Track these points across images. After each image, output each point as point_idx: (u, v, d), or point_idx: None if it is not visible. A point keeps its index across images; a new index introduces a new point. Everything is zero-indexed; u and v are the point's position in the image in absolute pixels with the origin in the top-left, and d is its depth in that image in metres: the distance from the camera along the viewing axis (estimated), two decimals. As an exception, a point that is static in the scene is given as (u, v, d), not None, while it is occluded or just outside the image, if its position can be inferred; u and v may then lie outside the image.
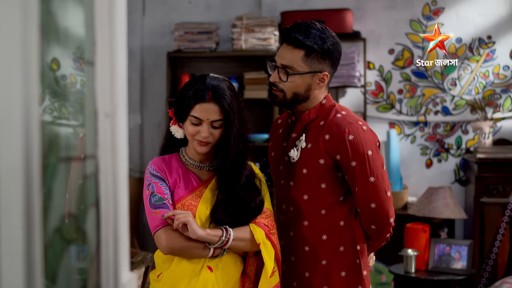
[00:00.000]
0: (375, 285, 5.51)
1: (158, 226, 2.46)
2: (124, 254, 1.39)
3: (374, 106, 6.07)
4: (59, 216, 1.18)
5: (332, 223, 2.63)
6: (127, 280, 1.39)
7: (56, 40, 1.25)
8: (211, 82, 2.51)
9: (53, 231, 1.15)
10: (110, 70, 1.36)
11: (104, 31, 1.34)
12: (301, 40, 2.57)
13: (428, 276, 4.68)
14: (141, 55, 6.24)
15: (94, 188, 1.33)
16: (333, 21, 5.75)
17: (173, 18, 6.18)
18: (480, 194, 5.36)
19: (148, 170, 2.58)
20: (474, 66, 5.94)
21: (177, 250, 2.47)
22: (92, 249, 1.33)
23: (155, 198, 2.50)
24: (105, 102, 1.35)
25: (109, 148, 1.35)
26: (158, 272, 2.61)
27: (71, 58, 1.41)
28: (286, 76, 2.60)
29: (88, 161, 1.33)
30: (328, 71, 2.63)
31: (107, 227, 1.35)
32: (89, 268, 1.33)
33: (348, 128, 2.56)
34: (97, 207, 1.34)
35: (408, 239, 4.90)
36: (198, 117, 2.49)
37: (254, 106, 5.80)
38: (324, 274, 2.65)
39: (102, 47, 1.34)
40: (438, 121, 6.01)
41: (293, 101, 2.65)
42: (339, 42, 2.66)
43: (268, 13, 6.10)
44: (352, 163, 2.55)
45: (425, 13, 6.00)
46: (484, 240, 5.24)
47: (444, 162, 6.03)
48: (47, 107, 1.34)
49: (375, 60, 6.06)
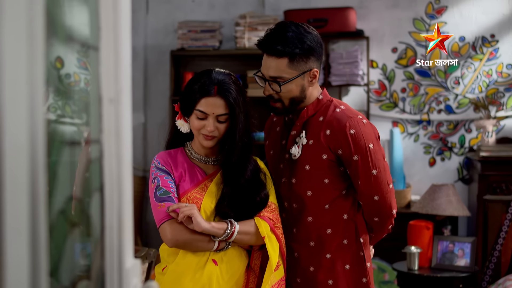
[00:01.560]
0: (378, 284, 5.51)
1: (163, 219, 2.48)
2: (128, 240, 1.40)
3: (377, 104, 6.07)
4: (64, 199, 1.19)
5: (336, 217, 2.64)
6: (131, 265, 1.40)
7: (60, 38, 1.26)
8: (216, 77, 2.52)
9: (58, 213, 1.16)
10: (114, 55, 1.36)
11: (108, 17, 1.35)
12: (281, 50, 2.55)
13: (431, 273, 4.68)
14: (145, 53, 6.25)
15: (98, 173, 1.34)
16: (336, 19, 5.76)
17: (176, 16, 6.19)
18: (483, 192, 5.36)
19: (154, 164, 2.59)
20: (478, 65, 5.94)
21: (182, 243, 2.48)
22: (97, 233, 1.34)
23: (160, 191, 2.51)
24: (109, 87, 1.35)
25: (113, 133, 1.36)
26: (163, 265, 2.62)
27: (75, 56, 1.41)
28: (279, 86, 2.59)
29: (92, 146, 1.33)
30: (316, 66, 2.63)
31: (111, 212, 1.36)
32: (93, 252, 1.33)
33: (348, 123, 2.57)
34: (101, 192, 1.34)
35: (411, 237, 4.90)
36: (203, 111, 2.50)
37: (258, 104, 5.78)
38: (328, 268, 2.65)
39: (107, 32, 1.35)
40: (442, 119, 6.01)
41: (292, 105, 2.65)
42: (318, 34, 2.64)
43: (271, 12, 6.11)
44: (355, 157, 2.56)
45: (428, 11, 6.00)
46: (487, 237, 5.24)
47: (448, 161, 6.02)
48: (51, 106, 1.34)
49: (378, 58, 6.06)
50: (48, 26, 1.10)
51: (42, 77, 1.04)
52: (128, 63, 1.42)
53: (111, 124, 1.35)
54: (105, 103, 1.34)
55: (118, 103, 1.37)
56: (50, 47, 1.22)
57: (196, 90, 2.51)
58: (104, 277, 1.34)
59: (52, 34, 1.17)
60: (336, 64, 5.85)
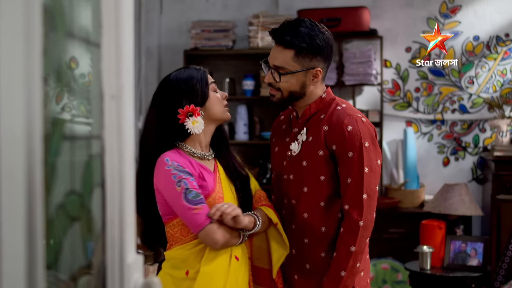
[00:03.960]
0: (392, 284, 5.50)
1: (205, 223, 2.46)
2: (130, 235, 1.41)
3: (391, 104, 6.05)
4: (63, 193, 1.20)
5: (331, 215, 2.64)
6: (132, 261, 1.41)
7: (74, 38, 1.27)
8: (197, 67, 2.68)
9: (57, 207, 1.17)
10: (116, 52, 1.37)
11: (110, 14, 1.36)
12: (289, 41, 2.61)
13: (444, 273, 4.67)
14: (159, 53, 6.28)
15: (100, 169, 1.35)
16: (350, 19, 5.75)
17: (190, 16, 6.21)
18: (497, 191, 5.33)
19: (172, 166, 2.49)
20: (492, 64, 5.91)
21: (228, 242, 2.51)
22: (98, 228, 1.35)
23: (191, 194, 2.46)
24: (111, 84, 1.36)
25: (115, 130, 1.37)
26: (182, 270, 2.56)
27: (89, 56, 1.42)
28: (279, 76, 2.64)
29: (94, 142, 1.34)
30: (321, 66, 2.65)
31: (113, 207, 1.37)
32: (95, 247, 1.35)
33: (347, 120, 2.59)
34: (103, 187, 1.35)
35: (423, 236, 4.89)
36: (214, 81, 2.68)
37: (270, 104, 5.80)
38: (324, 266, 2.65)
39: (108, 29, 1.36)
40: (455, 119, 5.99)
41: (290, 99, 2.69)
42: (330, 37, 2.67)
43: (284, 11, 6.11)
44: (349, 154, 2.56)
45: (442, 11, 5.98)
46: (500, 237, 5.21)
47: (462, 161, 6.00)
48: (66, 105, 1.36)
49: (392, 58, 6.05)
50: (46, 21, 1.11)
51: (39, 73, 1.05)
52: (130, 60, 1.43)
53: (112, 120, 1.36)
54: (106, 99, 1.36)
55: (120, 99, 1.37)
56: (64, 47, 1.24)
57: (200, 76, 2.61)
58: (105, 272, 1.35)
59: (51, 29, 1.18)
60: (350, 64, 5.84)
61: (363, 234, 2.56)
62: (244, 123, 5.97)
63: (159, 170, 2.51)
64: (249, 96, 5.99)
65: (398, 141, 6.03)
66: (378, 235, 5.54)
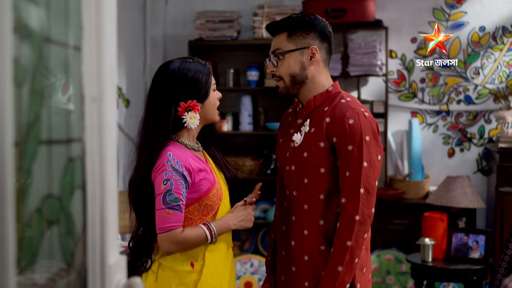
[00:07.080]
0: (395, 274, 5.50)
1: (169, 228, 2.48)
2: (112, 236, 1.42)
3: (396, 95, 6.04)
4: (39, 197, 1.21)
5: (329, 209, 2.64)
6: (114, 261, 1.42)
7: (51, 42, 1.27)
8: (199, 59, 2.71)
9: (33, 211, 1.18)
10: (97, 55, 1.38)
11: (91, 16, 1.36)
12: (279, 24, 2.72)
13: (445, 265, 4.66)
14: (164, 43, 6.28)
15: (80, 171, 1.36)
16: (355, 9, 5.73)
17: (195, 7, 6.21)
18: (501, 183, 5.31)
19: (170, 163, 2.50)
20: (498, 55, 5.88)
21: (179, 251, 2.57)
22: (78, 231, 1.36)
23: (170, 197, 2.47)
24: (92, 86, 1.37)
25: (96, 132, 1.38)
26: (187, 262, 2.59)
27: (69, 59, 1.42)
28: (276, 61, 2.71)
29: (74, 144, 1.35)
30: (317, 45, 2.69)
31: (94, 209, 1.38)
32: (75, 249, 1.36)
33: (349, 113, 2.59)
34: (83, 189, 1.36)
35: (425, 228, 4.88)
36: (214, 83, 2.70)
37: (275, 95, 5.80)
38: (322, 259, 2.65)
39: (89, 32, 1.36)
40: (461, 110, 5.97)
41: (293, 84, 2.70)
42: (322, 19, 2.74)
43: (289, 2, 6.10)
44: (349, 147, 2.56)
45: (448, 1, 5.95)
46: (503, 230, 5.21)
47: (467, 152, 5.99)
48: (72, 96, 1.37)
49: (397, 48, 6.03)
50: (19, 24, 1.12)
51: (9, 74, 1.06)
52: (113, 62, 1.44)
53: (93, 123, 1.37)
54: (87, 102, 1.36)
55: (101, 102, 1.38)
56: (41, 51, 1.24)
57: (205, 71, 2.63)
58: (86, 273, 1.36)
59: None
60: (355, 55, 5.83)
61: (359, 228, 2.55)
62: (248, 114, 5.97)
63: (159, 161, 2.52)
64: (254, 87, 5.99)
65: (403, 132, 6.02)
66: (382, 226, 5.55)
